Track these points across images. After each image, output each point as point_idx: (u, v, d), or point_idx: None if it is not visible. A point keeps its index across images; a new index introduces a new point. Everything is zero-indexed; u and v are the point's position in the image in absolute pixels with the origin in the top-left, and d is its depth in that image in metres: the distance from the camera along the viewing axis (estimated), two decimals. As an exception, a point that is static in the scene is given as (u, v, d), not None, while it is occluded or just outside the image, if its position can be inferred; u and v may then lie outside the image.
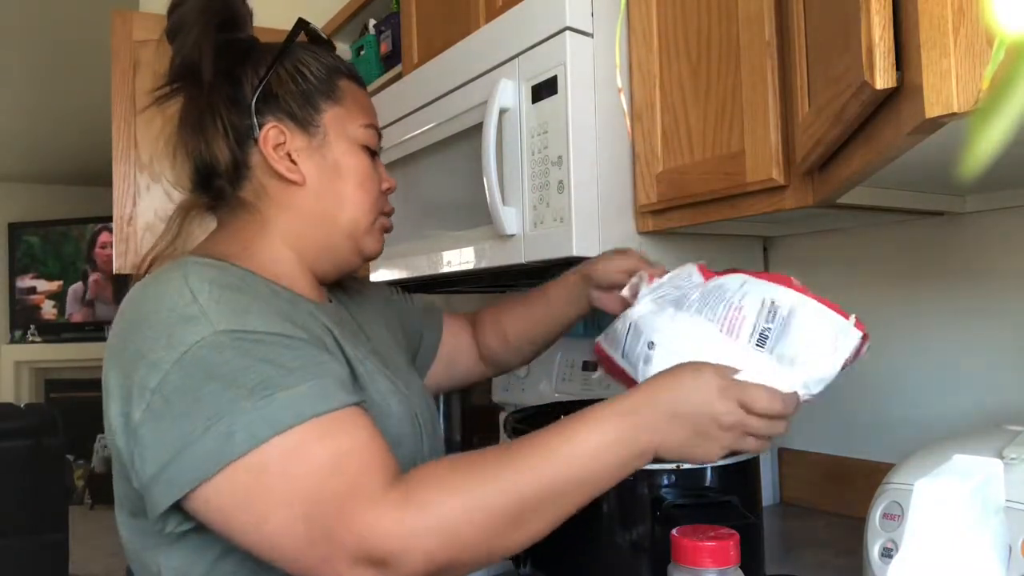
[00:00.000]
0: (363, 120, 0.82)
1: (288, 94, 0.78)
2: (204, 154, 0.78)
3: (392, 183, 0.86)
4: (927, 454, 0.74)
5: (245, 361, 0.60)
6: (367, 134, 0.82)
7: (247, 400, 0.59)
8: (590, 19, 1.03)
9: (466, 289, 1.74)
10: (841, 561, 0.99)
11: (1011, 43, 0.18)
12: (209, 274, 0.67)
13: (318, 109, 0.79)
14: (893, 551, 0.70)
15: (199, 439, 0.58)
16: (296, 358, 0.63)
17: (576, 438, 0.62)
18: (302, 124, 0.78)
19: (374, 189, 0.82)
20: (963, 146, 0.18)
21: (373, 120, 0.84)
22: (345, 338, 0.76)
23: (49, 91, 4.27)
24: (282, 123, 0.78)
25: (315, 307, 0.77)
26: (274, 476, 0.58)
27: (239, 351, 0.61)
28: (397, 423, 0.75)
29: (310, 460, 0.58)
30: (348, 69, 0.84)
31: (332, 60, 0.83)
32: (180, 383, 0.60)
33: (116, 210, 2.01)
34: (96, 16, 2.88)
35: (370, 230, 0.82)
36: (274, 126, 0.77)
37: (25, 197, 5.86)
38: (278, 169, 0.77)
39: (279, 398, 0.59)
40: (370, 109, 0.85)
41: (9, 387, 5.68)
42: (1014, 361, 1.01)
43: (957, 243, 1.07)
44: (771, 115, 0.86)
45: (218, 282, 0.66)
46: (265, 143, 0.77)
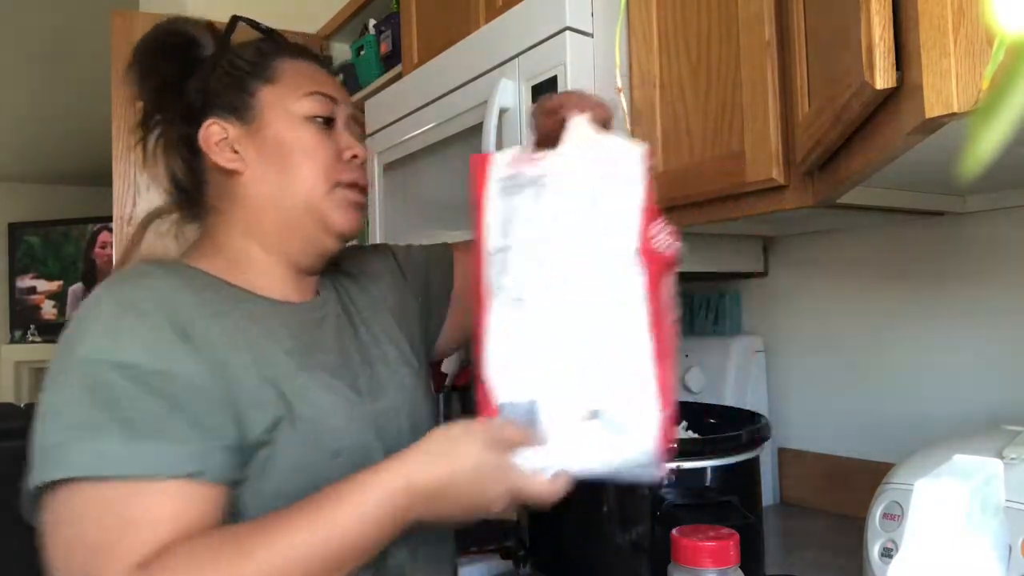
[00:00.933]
0: (303, 90, 0.79)
1: (222, 88, 0.79)
2: (173, 174, 0.81)
3: (358, 151, 0.81)
4: (927, 454, 0.74)
5: (84, 397, 0.63)
6: (310, 104, 0.79)
7: (64, 434, 0.62)
8: (590, 19, 1.03)
9: (466, 289, 1.74)
10: (841, 561, 0.99)
11: (1011, 43, 0.18)
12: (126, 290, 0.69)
13: (251, 92, 0.78)
14: (893, 551, 0.70)
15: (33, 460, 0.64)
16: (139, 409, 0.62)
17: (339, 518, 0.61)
18: (238, 112, 0.78)
19: (324, 158, 0.78)
20: (963, 146, 0.18)
21: (318, 87, 0.80)
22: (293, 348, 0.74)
23: (49, 91, 4.27)
24: (220, 117, 0.78)
25: (279, 310, 0.76)
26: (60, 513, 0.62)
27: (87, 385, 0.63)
28: (334, 438, 0.72)
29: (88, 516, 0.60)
30: (289, 47, 0.83)
31: (269, 44, 0.82)
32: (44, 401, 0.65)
33: (116, 210, 2.01)
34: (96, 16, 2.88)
35: (328, 201, 0.78)
36: (213, 123, 0.78)
37: (25, 197, 5.86)
38: (219, 162, 0.77)
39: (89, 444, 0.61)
40: (314, 78, 0.81)
41: (9, 387, 5.67)
42: (1014, 361, 1.01)
43: (957, 243, 1.07)
44: (771, 115, 0.86)
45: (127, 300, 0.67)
46: (206, 141, 0.77)
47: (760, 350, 1.31)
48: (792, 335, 1.30)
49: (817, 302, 1.26)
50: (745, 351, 1.29)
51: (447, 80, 1.25)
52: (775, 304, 1.33)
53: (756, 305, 1.36)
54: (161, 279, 0.71)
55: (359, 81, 2.00)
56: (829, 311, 1.24)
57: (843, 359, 1.22)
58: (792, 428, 1.30)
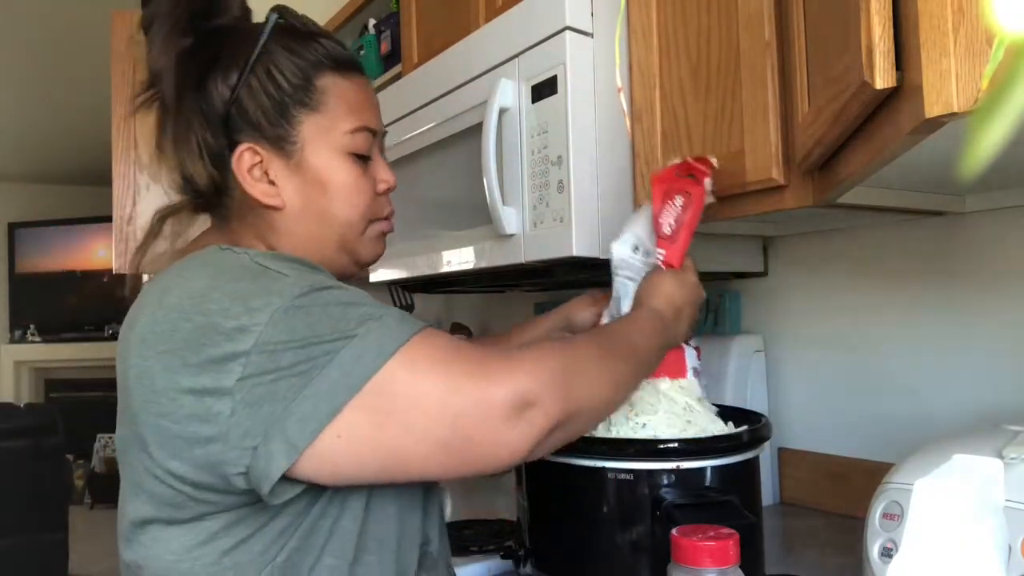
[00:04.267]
0: (349, 124, 0.75)
1: (259, 109, 0.72)
2: (184, 170, 0.74)
3: (390, 182, 0.80)
4: (927, 454, 0.74)
5: (339, 302, 0.63)
6: (355, 140, 0.75)
7: (356, 331, 0.61)
8: (590, 19, 1.03)
9: (466, 289, 1.75)
10: (841, 561, 0.99)
11: (1011, 43, 0.18)
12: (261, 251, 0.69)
13: (294, 121, 0.73)
14: (893, 551, 0.70)
15: (319, 378, 0.59)
16: (373, 298, 0.66)
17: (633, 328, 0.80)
18: (277, 142, 0.72)
19: (363, 199, 0.76)
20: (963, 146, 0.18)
21: (363, 120, 0.76)
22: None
23: (49, 91, 4.27)
24: (256, 143, 0.72)
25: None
26: (402, 385, 0.61)
27: (330, 296, 0.63)
28: None
29: (427, 360, 0.62)
30: (334, 59, 0.75)
31: (312, 53, 0.74)
32: (282, 336, 0.60)
33: (116, 210, 2.02)
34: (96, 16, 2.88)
35: (361, 239, 0.78)
36: (248, 147, 0.72)
37: (25, 197, 5.86)
38: (254, 194, 0.72)
39: (381, 323, 0.62)
40: (360, 106, 0.76)
41: (9, 387, 5.68)
42: (1014, 361, 1.01)
43: (957, 243, 1.07)
44: (771, 115, 0.86)
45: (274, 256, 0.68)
46: (239, 167, 0.72)
47: (760, 350, 1.31)
48: (792, 335, 1.30)
49: (817, 302, 1.26)
50: (745, 351, 1.29)
51: (447, 80, 1.25)
52: (775, 304, 1.33)
53: (756, 305, 1.36)
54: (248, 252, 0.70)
55: (359, 81, 2.00)
56: (829, 311, 1.24)
57: (843, 359, 1.22)
58: (792, 428, 1.30)
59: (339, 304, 0.63)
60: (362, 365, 0.60)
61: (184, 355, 0.61)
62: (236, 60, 0.72)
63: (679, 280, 0.85)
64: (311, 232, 0.75)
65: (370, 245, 0.80)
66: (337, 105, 0.74)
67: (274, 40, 0.73)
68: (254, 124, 0.72)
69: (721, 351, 1.28)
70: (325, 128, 0.74)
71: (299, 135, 0.73)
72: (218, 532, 0.64)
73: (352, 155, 0.75)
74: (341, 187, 0.75)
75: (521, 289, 1.73)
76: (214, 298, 0.62)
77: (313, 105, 0.73)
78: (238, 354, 0.59)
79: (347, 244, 0.77)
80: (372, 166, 0.79)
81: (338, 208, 0.75)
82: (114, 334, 5.57)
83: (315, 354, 0.60)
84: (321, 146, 0.74)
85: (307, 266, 0.68)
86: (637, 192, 1.06)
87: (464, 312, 2.11)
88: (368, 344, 0.61)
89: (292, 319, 0.60)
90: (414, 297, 2.05)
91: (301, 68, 0.73)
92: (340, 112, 0.74)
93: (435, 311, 2.24)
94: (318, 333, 0.60)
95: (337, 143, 0.74)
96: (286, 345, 0.60)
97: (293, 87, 0.72)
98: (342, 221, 0.76)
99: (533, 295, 1.84)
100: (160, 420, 0.62)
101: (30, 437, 2.91)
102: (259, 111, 0.72)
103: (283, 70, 0.72)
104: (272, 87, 0.72)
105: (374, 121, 0.78)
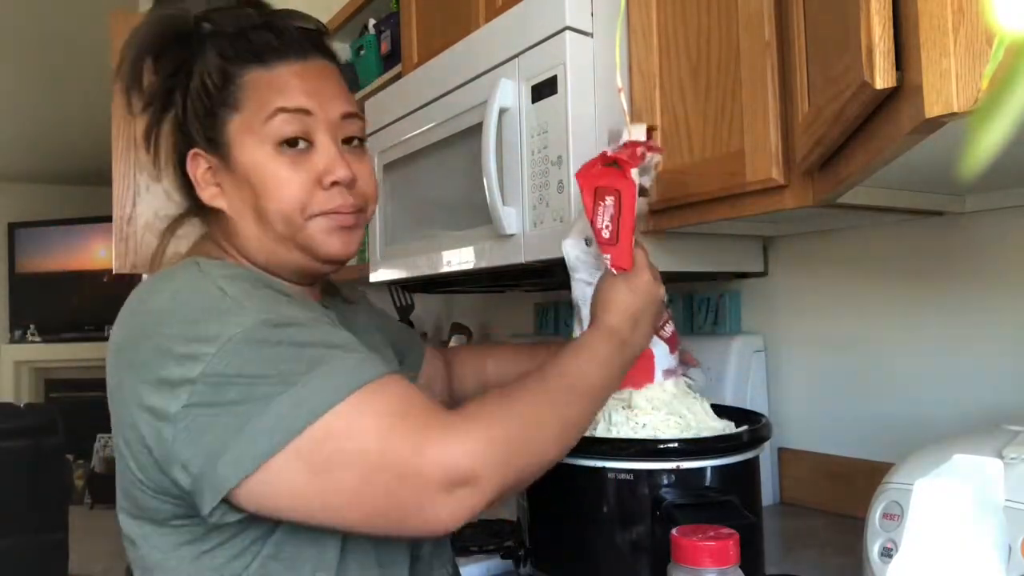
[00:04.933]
0: (265, 112, 0.71)
1: (195, 115, 0.74)
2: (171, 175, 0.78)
3: (337, 175, 0.73)
4: (927, 454, 0.74)
5: (291, 343, 0.62)
6: (277, 126, 0.71)
7: (304, 376, 0.60)
8: (590, 19, 1.03)
9: (466, 289, 1.74)
10: (841, 561, 0.99)
11: (1011, 42, 0.18)
12: (225, 271, 0.69)
13: (220, 123, 0.73)
14: (893, 551, 0.70)
15: (257, 419, 0.59)
16: (334, 337, 0.65)
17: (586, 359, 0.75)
18: (213, 146, 0.74)
19: (292, 192, 0.72)
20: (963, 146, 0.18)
21: (283, 102, 0.71)
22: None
23: (49, 91, 4.27)
24: (200, 148, 0.74)
25: (315, 305, 0.77)
26: (338, 444, 0.60)
27: (284, 334, 0.63)
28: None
29: (370, 418, 0.61)
30: (256, 53, 0.73)
31: (236, 50, 0.73)
32: (228, 370, 0.60)
33: (116, 210, 2.01)
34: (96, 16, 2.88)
35: (306, 233, 0.73)
36: (195, 152, 0.74)
37: (25, 197, 5.86)
38: (203, 198, 0.75)
39: (329, 371, 0.61)
40: (279, 90, 0.72)
41: (9, 387, 5.68)
42: (1014, 361, 1.01)
43: (957, 243, 1.07)
44: (771, 115, 0.85)
45: (239, 276, 0.68)
46: (193, 170, 0.75)
47: (760, 350, 1.31)
48: (792, 335, 1.30)
49: (817, 302, 1.26)
50: (745, 351, 1.29)
51: (447, 80, 1.25)
52: (775, 304, 1.33)
53: (756, 305, 1.36)
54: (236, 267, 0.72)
55: (359, 81, 2.00)
56: (829, 311, 1.24)
57: (843, 359, 1.22)
58: (792, 428, 1.30)
59: (293, 344, 0.62)
60: (302, 412, 0.59)
61: (143, 372, 0.63)
62: (186, 68, 0.75)
63: (630, 285, 0.79)
64: (255, 232, 0.74)
65: (323, 239, 0.74)
66: (256, 98, 0.72)
67: (208, 45, 0.74)
68: (195, 130, 0.74)
69: (721, 351, 1.28)
70: (247, 123, 0.72)
71: (226, 135, 0.73)
72: (194, 536, 0.66)
73: (281, 145, 0.72)
74: (264, 182, 0.72)
75: (521, 289, 1.73)
76: (170, 321, 0.64)
77: (234, 104, 0.73)
78: (186, 381, 0.60)
79: (291, 237, 0.73)
80: (313, 157, 0.73)
81: (266, 204, 0.72)
82: (114, 334, 5.60)
83: (257, 395, 0.59)
84: (245, 143, 0.72)
85: (272, 293, 0.67)
86: (637, 192, 1.06)
87: (464, 312, 2.11)
88: (312, 391, 0.60)
89: (242, 353, 0.60)
90: (414, 297, 2.05)
91: (223, 69, 0.73)
92: (259, 104, 0.72)
93: (435, 311, 2.23)
94: (265, 372, 0.60)
95: (259, 135, 0.72)
96: (232, 380, 0.60)
97: (217, 89, 0.73)
98: (274, 217, 0.72)
99: (533, 295, 1.84)
100: (127, 429, 0.65)
101: (30, 437, 2.91)
102: (195, 117, 0.74)
103: (211, 73, 0.73)
104: (203, 92, 0.73)
105: (299, 100, 0.72)
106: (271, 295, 0.68)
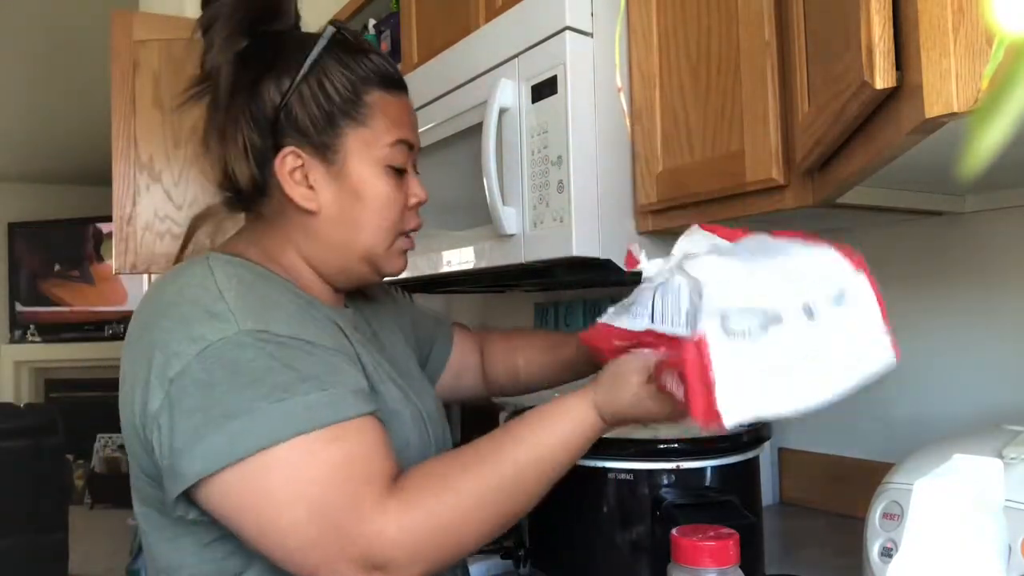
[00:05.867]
0: (390, 138, 0.77)
1: (308, 117, 0.74)
2: (228, 167, 0.76)
3: (422, 196, 0.82)
4: (927, 454, 0.74)
5: (265, 362, 0.62)
6: (393, 153, 0.77)
7: (263, 401, 0.60)
8: (590, 19, 1.03)
9: (466, 289, 1.74)
10: (841, 561, 0.99)
11: (1011, 43, 0.18)
12: (234, 271, 0.69)
13: (340, 133, 0.75)
14: (893, 551, 0.70)
15: (211, 434, 0.60)
16: (315, 364, 0.64)
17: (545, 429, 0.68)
18: (321, 149, 0.75)
19: (393, 213, 0.78)
20: (963, 146, 0.18)
21: (404, 134, 0.78)
22: (361, 344, 0.77)
23: (49, 91, 4.27)
24: (301, 148, 0.74)
25: (332, 311, 0.77)
26: (282, 478, 0.60)
27: (261, 352, 0.62)
28: (407, 429, 0.76)
29: (318, 465, 0.60)
30: (382, 76, 0.79)
31: (363, 69, 0.77)
32: (200, 376, 0.61)
33: (116, 210, 2.01)
34: (96, 16, 2.88)
35: (388, 252, 0.80)
36: (292, 151, 0.74)
37: (25, 197, 5.86)
38: (293, 197, 0.75)
39: (294, 403, 0.61)
40: (402, 121, 0.79)
41: (9, 387, 5.68)
42: (1014, 361, 1.01)
43: (957, 243, 1.07)
44: (771, 115, 0.85)
45: (244, 280, 0.68)
46: (281, 169, 0.74)
47: (760, 350, 1.31)
48: (792, 335, 1.30)
49: (817, 302, 1.26)
50: (745, 351, 1.29)
51: (447, 80, 1.25)
52: (775, 304, 1.33)
53: (756, 305, 1.36)
54: (250, 268, 0.72)
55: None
56: (829, 311, 1.24)
57: (843, 359, 1.22)
58: (792, 428, 1.30)
59: (266, 366, 0.62)
60: (250, 438, 0.59)
61: (141, 365, 0.65)
62: (290, 67, 0.74)
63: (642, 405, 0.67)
64: (341, 239, 0.77)
65: (394, 258, 0.81)
66: (381, 120, 0.77)
67: (328, 52, 0.76)
68: (301, 130, 0.74)
69: (721, 351, 1.28)
70: (368, 141, 0.76)
71: (343, 145, 0.75)
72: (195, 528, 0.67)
73: (389, 168, 0.77)
74: (376, 198, 0.76)
75: (521, 289, 1.73)
76: (170, 315, 0.65)
77: (360, 119, 0.76)
78: (167, 378, 0.62)
79: (373, 255, 0.78)
80: (406, 180, 0.80)
81: (370, 218, 0.77)
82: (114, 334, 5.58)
83: (217, 409, 0.60)
84: (362, 158, 0.76)
85: (267, 306, 0.67)
86: (637, 192, 1.06)
87: (464, 312, 2.11)
88: (270, 419, 0.60)
89: (216, 361, 0.61)
90: (414, 297, 2.05)
91: (351, 82, 0.76)
92: (383, 127, 0.77)
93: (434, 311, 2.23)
94: (233, 387, 0.61)
95: (377, 156, 0.76)
96: (201, 385, 0.61)
97: (342, 99, 0.75)
98: (372, 231, 0.77)
99: (533, 295, 1.84)
100: (127, 412, 0.67)
101: (30, 437, 2.91)
102: (307, 118, 0.74)
103: (335, 82, 0.75)
104: (322, 97, 0.74)
105: (413, 136, 0.80)
106: (276, 303, 0.68)
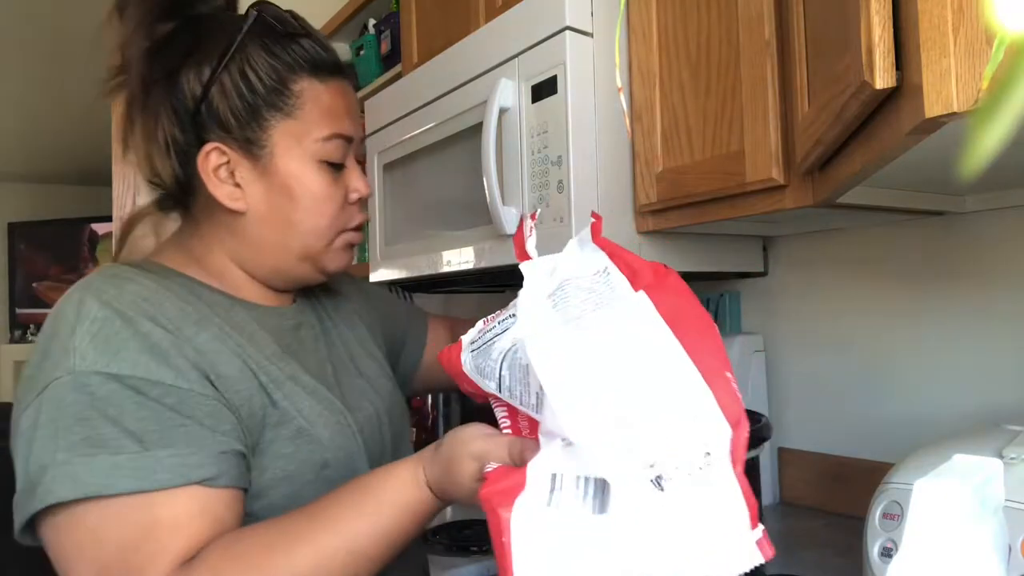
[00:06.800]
0: (322, 131, 0.71)
1: (231, 109, 0.69)
2: (152, 166, 0.72)
3: (363, 191, 0.76)
4: (927, 454, 0.74)
5: (85, 411, 0.58)
6: (327, 148, 0.71)
7: (68, 452, 0.57)
8: (590, 19, 1.03)
9: (466, 289, 1.74)
10: (841, 561, 0.99)
11: (1011, 42, 0.18)
12: (110, 295, 0.63)
13: (265, 126, 0.69)
14: (893, 551, 0.70)
15: (26, 480, 0.59)
16: (144, 418, 0.59)
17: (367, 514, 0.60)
18: (246, 144, 0.69)
19: (331, 209, 0.73)
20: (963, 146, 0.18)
21: (338, 127, 0.72)
22: (281, 354, 0.71)
23: (49, 91, 4.27)
24: (225, 143, 0.69)
25: (264, 313, 0.74)
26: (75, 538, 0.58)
27: (85, 398, 0.58)
28: (322, 448, 0.70)
29: (113, 529, 0.57)
30: (313, 62, 0.72)
31: (290, 55, 0.70)
32: (40, 415, 0.59)
33: (116, 210, 2.01)
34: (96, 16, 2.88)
35: (328, 249, 0.75)
36: (216, 147, 0.69)
37: (25, 197, 5.86)
38: (218, 196, 0.69)
39: (101, 461, 0.57)
40: (336, 112, 0.72)
41: (9, 387, 5.68)
42: (1014, 361, 1.01)
43: (957, 243, 1.07)
44: (771, 115, 0.86)
45: (112, 306, 0.62)
46: (204, 166, 0.69)
47: (760, 350, 1.31)
48: (792, 335, 1.30)
49: (817, 302, 1.26)
50: (745, 351, 1.29)
51: (447, 80, 1.25)
52: (775, 304, 1.33)
53: (756, 305, 1.36)
54: (141, 283, 0.65)
55: (359, 81, 2.01)
56: (829, 311, 1.24)
57: (843, 359, 1.22)
58: (792, 428, 1.30)
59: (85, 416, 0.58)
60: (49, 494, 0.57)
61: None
62: (210, 55, 0.69)
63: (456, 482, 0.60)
64: (274, 239, 0.72)
65: (336, 255, 0.76)
66: (312, 111, 0.71)
67: (252, 37, 0.70)
68: (224, 124, 0.69)
69: (721, 351, 1.28)
70: (297, 134, 0.70)
71: (269, 139, 0.70)
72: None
73: (323, 163, 0.72)
74: (309, 195, 0.71)
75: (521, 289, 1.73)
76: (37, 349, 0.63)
77: (287, 110, 0.70)
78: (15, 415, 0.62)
79: (311, 253, 0.74)
80: (345, 174, 0.75)
81: (304, 216, 0.72)
82: (114, 334, 5.59)
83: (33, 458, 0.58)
84: (292, 152, 0.70)
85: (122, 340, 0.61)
86: (637, 192, 1.06)
87: (464, 312, 2.11)
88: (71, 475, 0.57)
89: (50, 400, 0.59)
90: (414, 297, 2.05)
91: (277, 70, 0.70)
92: (314, 118, 0.71)
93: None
94: (52, 430, 0.58)
95: (308, 150, 0.71)
96: (38, 425, 0.59)
97: (267, 89, 0.69)
98: (307, 230, 0.72)
99: (533, 295, 1.83)
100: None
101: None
102: (229, 111, 0.69)
103: (258, 70, 0.69)
104: (245, 87, 0.69)
105: (350, 128, 0.74)
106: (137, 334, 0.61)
